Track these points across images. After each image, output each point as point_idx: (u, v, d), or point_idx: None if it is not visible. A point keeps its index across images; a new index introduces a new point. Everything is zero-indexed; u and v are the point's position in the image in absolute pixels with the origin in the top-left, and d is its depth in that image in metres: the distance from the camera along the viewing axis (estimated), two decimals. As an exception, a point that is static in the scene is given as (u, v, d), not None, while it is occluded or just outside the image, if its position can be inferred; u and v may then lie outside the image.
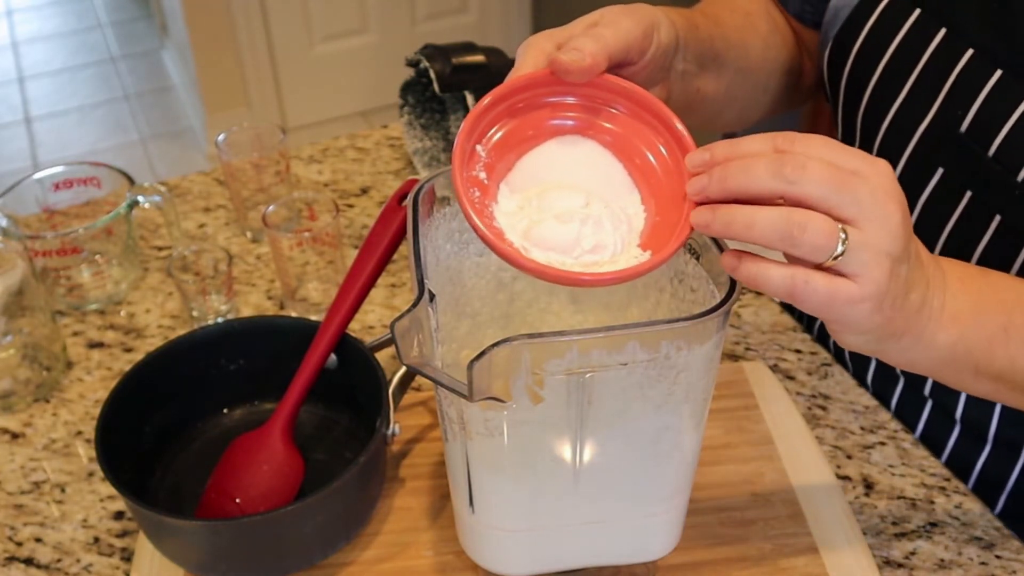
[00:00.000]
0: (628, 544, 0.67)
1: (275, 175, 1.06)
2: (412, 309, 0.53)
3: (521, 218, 0.55)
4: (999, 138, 0.71)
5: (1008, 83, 0.71)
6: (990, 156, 0.71)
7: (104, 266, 1.01)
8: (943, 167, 0.76)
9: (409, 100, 1.13)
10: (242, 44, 2.81)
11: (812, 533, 0.75)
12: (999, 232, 0.74)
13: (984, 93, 0.72)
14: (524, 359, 0.53)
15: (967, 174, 0.74)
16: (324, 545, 0.73)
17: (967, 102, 0.73)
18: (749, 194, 0.52)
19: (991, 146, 0.71)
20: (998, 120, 0.71)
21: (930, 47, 0.75)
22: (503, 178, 0.57)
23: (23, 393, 0.91)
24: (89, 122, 3.17)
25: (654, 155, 0.58)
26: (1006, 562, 0.75)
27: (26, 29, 3.65)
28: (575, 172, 0.58)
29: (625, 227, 0.56)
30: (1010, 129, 0.70)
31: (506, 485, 0.62)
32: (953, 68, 0.74)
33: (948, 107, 0.74)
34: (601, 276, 0.53)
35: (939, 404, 0.84)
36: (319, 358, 0.77)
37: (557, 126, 0.58)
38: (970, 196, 0.75)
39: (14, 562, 0.78)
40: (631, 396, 0.57)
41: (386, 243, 0.77)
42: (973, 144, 0.73)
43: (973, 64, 0.73)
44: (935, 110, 0.75)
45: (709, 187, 0.53)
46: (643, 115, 0.58)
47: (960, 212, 0.76)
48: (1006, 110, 0.70)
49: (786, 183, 0.51)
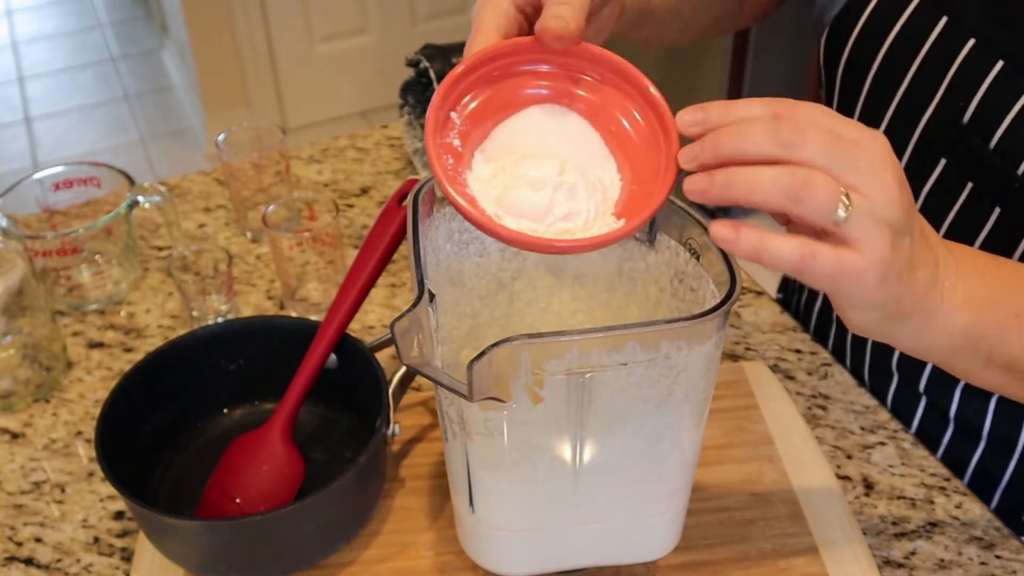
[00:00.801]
0: (628, 544, 0.67)
1: (275, 175, 1.06)
2: (412, 309, 0.53)
3: (495, 185, 0.55)
4: (1000, 130, 0.70)
5: (1009, 74, 0.70)
6: (991, 148, 0.71)
7: (104, 266, 1.01)
8: (945, 158, 0.76)
9: (409, 100, 1.13)
10: (242, 44, 2.81)
11: (812, 533, 0.75)
12: (999, 224, 0.73)
13: (986, 84, 0.71)
14: (524, 359, 0.53)
15: (968, 166, 0.74)
16: (324, 545, 0.73)
17: (969, 93, 0.72)
18: (746, 159, 0.50)
19: (992, 138, 0.71)
20: (1000, 112, 0.71)
21: (931, 36, 0.75)
22: (478, 146, 0.57)
23: (23, 393, 0.91)
24: (89, 122, 3.17)
25: (630, 122, 0.57)
26: (1006, 562, 0.75)
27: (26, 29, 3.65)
28: (550, 140, 0.57)
29: (600, 195, 0.55)
30: (1011, 121, 0.70)
31: (506, 485, 0.62)
32: (954, 58, 0.73)
33: (950, 98, 0.74)
34: (573, 243, 0.52)
35: (933, 402, 0.84)
36: (319, 358, 0.77)
37: (532, 95, 0.58)
38: (971, 188, 0.74)
39: (14, 562, 0.78)
40: (631, 396, 0.57)
41: (386, 243, 0.77)
42: (975, 136, 0.72)
43: (974, 54, 0.72)
44: (937, 101, 0.75)
45: (702, 154, 0.51)
46: (618, 82, 0.58)
47: (961, 204, 0.75)
48: (1008, 102, 0.70)
49: (785, 148, 0.49)
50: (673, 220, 0.62)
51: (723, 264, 0.57)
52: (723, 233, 0.51)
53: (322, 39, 2.91)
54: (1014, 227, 0.72)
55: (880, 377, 0.88)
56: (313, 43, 2.91)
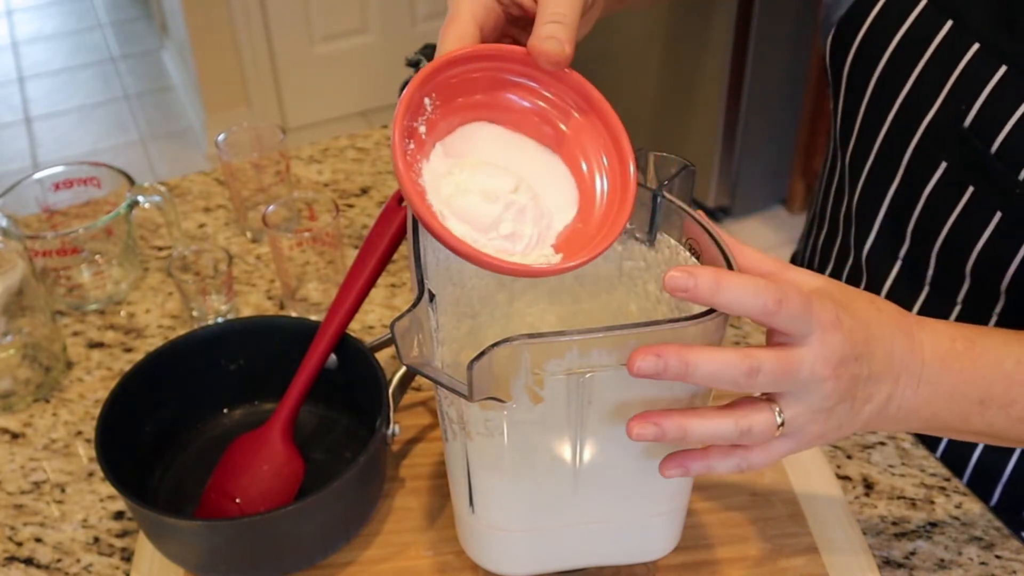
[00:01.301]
0: (628, 544, 0.67)
1: (275, 175, 1.06)
2: (412, 309, 0.53)
3: (447, 183, 0.55)
4: (1002, 135, 0.71)
5: (1013, 80, 0.70)
6: (992, 153, 0.71)
7: (104, 266, 1.01)
8: (947, 161, 0.76)
9: (409, 100, 1.13)
10: (242, 44, 2.81)
11: (812, 533, 0.75)
12: (999, 229, 0.73)
13: (989, 88, 0.72)
14: (524, 359, 0.52)
15: (970, 169, 0.74)
16: (324, 545, 0.73)
17: (972, 97, 0.73)
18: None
19: (994, 142, 0.71)
20: (1002, 116, 0.71)
21: (936, 39, 0.75)
22: (441, 138, 0.56)
23: (23, 393, 0.91)
24: (89, 122, 3.17)
25: (594, 161, 0.58)
26: (1006, 562, 0.75)
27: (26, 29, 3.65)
28: (512, 154, 0.57)
29: (545, 223, 0.55)
30: (1013, 126, 0.70)
31: (506, 485, 0.62)
32: (959, 62, 0.73)
33: (953, 101, 0.74)
34: (504, 264, 0.53)
35: None
36: (319, 358, 0.77)
37: (508, 105, 0.58)
38: (972, 191, 0.74)
39: (14, 562, 0.78)
40: (631, 396, 0.57)
41: (386, 243, 0.77)
42: (976, 140, 0.72)
43: (979, 58, 0.72)
44: (939, 103, 0.75)
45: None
46: (595, 120, 0.58)
47: (962, 207, 0.76)
48: (1010, 107, 0.70)
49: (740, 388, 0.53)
50: (673, 220, 0.62)
51: (724, 265, 0.57)
52: (671, 471, 0.58)
53: (322, 39, 2.91)
54: (1015, 231, 0.73)
55: None
56: (313, 43, 2.91)
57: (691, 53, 2.36)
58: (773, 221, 2.61)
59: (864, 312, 0.57)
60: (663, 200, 0.61)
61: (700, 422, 0.54)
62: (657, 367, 0.51)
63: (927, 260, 0.80)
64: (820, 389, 0.54)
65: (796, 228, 2.57)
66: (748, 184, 2.54)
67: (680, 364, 0.51)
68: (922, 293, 0.82)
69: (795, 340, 0.54)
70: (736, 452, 0.57)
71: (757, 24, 2.24)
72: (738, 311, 0.52)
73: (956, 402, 0.60)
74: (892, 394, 0.58)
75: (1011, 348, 0.62)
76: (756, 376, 0.52)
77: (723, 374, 0.52)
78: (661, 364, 0.51)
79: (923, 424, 0.61)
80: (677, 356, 0.51)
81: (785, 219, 2.62)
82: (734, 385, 0.53)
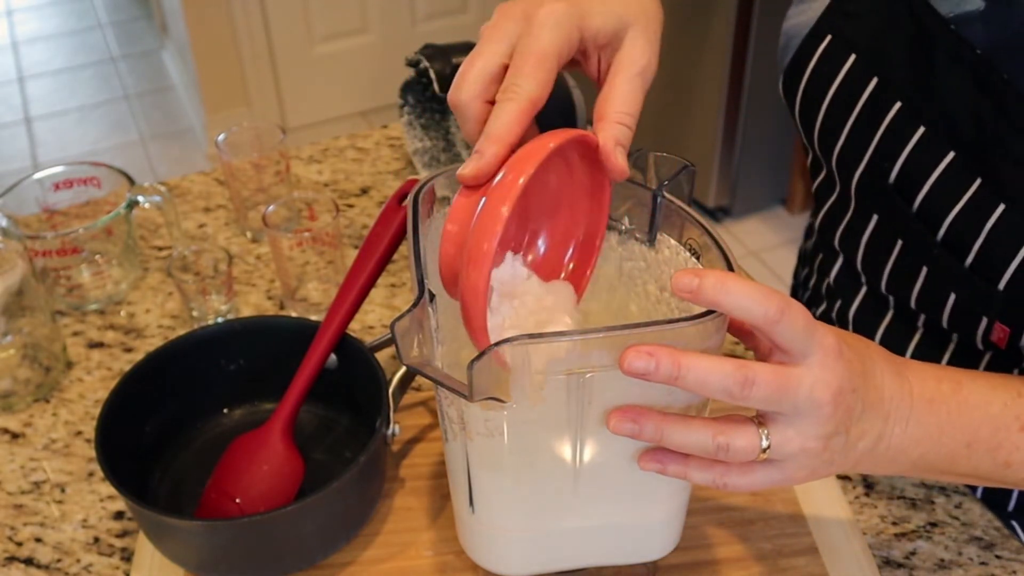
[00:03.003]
0: (628, 544, 0.67)
1: (275, 175, 1.06)
2: (412, 309, 0.53)
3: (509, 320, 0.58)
4: (921, 195, 0.71)
5: (930, 139, 0.70)
6: (914, 211, 0.72)
7: (104, 266, 1.01)
8: (877, 215, 0.77)
9: (409, 100, 1.13)
10: (242, 44, 2.81)
11: (812, 533, 0.75)
12: (928, 283, 0.74)
13: (909, 148, 0.72)
14: (524, 359, 0.53)
15: (896, 225, 0.75)
16: (324, 545, 0.73)
17: (894, 154, 0.73)
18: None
19: (915, 201, 0.72)
20: (920, 177, 0.71)
21: (863, 95, 0.75)
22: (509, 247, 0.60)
23: (23, 393, 0.91)
24: (89, 122, 3.17)
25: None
26: (1006, 562, 0.75)
27: (26, 29, 3.65)
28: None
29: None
30: (930, 188, 0.70)
31: (506, 485, 0.62)
32: (883, 119, 0.74)
33: (878, 157, 0.74)
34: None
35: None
36: (319, 358, 0.77)
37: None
38: (900, 246, 0.75)
39: (14, 562, 0.78)
40: (631, 396, 0.57)
41: (386, 243, 0.77)
42: (899, 198, 0.73)
43: (901, 117, 0.72)
44: (867, 159, 0.75)
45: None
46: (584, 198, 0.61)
47: (894, 259, 0.77)
48: (927, 168, 0.70)
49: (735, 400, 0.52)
50: (673, 220, 0.62)
51: (723, 264, 0.57)
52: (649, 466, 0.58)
53: (322, 39, 2.91)
54: (938, 290, 0.73)
55: None
56: (313, 43, 2.91)
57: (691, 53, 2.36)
58: (773, 221, 2.61)
59: (859, 347, 0.57)
60: (663, 200, 0.61)
61: (678, 428, 0.54)
62: (647, 367, 0.50)
63: (880, 293, 0.81)
64: (817, 415, 0.53)
65: (796, 228, 2.56)
66: (748, 184, 2.53)
67: (671, 366, 0.50)
68: (886, 317, 0.83)
69: (794, 359, 0.53)
70: (715, 467, 0.56)
71: (757, 24, 2.24)
72: (741, 315, 0.51)
73: (943, 444, 0.60)
74: (883, 433, 0.58)
75: (997, 393, 0.61)
76: (751, 388, 0.51)
77: (715, 382, 0.51)
78: (652, 364, 0.50)
79: (911, 466, 0.60)
80: (669, 358, 0.50)
81: (785, 219, 2.62)
82: (727, 395, 0.51)
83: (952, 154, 0.69)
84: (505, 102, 0.55)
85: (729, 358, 0.52)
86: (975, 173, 0.68)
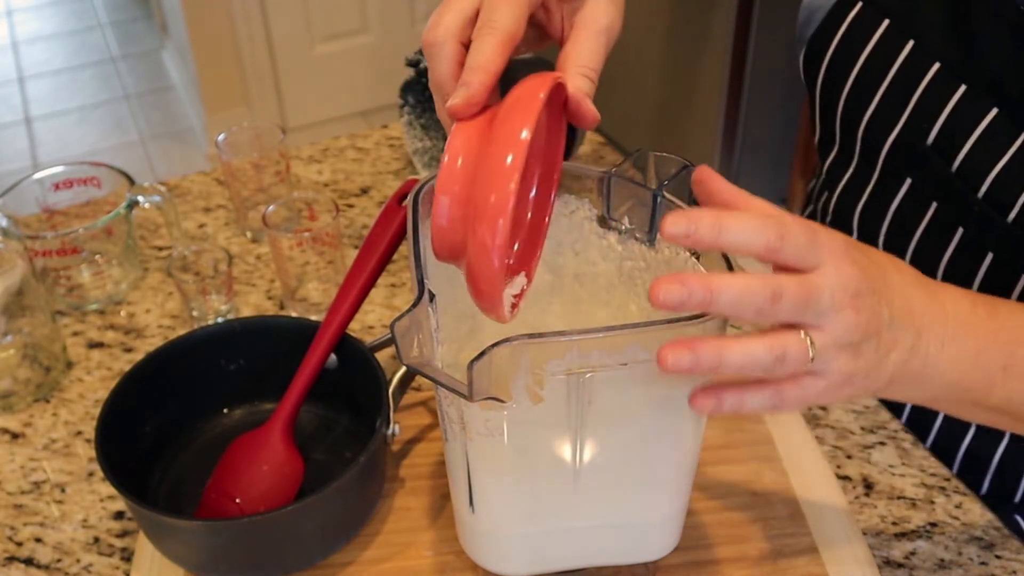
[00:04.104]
0: (628, 544, 0.67)
1: (275, 175, 1.06)
2: (412, 309, 0.53)
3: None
4: (961, 154, 0.72)
5: (971, 99, 0.71)
6: (953, 171, 0.72)
7: (104, 266, 1.01)
8: (911, 177, 0.77)
9: (409, 100, 1.13)
10: (242, 44, 2.81)
11: (812, 533, 0.75)
12: (962, 244, 0.74)
13: (949, 108, 0.72)
14: (524, 359, 0.53)
15: (933, 186, 0.75)
16: (324, 545, 0.73)
17: (933, 116, 0.73)
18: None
19: (954, 161, 0.72)
20: (961, 135, 0.72)
21: (898, 59, 0.76)
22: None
23: (23, 393, 0.91)
24: (89, 122, 3.17)
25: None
26: (1006, 562, 0.75)
27: (26, 29, 3.65)
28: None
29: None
30: (972, 145, 0.71)
31: (506, 485, 0.62)
32: (920, 81, 0.74)
33: (915, 120, 0.75)
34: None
35: None
36: (319, 358, 0.77)
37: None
38: (936, 207, 0.75)
39: (14, 562, 0.78)
40: (631, 396, 0.57)
41: (386, 243, 0.77)
42: (938, 158, 0.73)
43: (939, 78, 0.73)
44: (903, 122, 0.76)
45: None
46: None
47: (927, 222, 0.77)
48: (969, 126, 0.71)
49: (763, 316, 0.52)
50: (673, 220, 0.62)
51: (723, 263, 0.57)
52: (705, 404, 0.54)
53: (322, 39, 2.91)
54: (977, 247, 0.73)
55: None
56: (313, 43, 2.91)
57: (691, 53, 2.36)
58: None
59: (880, 260, 0.56)
60: (663, 200, 0.61)
61: (736, 347, 0.51)
62: (682, 295, 0.49)
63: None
64: (842, 320, 0.52)
65: (796, 228, 2.56)
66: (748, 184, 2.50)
67: (704, 291, 0.49)
68: None
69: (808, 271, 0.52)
70: (769, 387, 0.54)
71: (757, 24, 2.24)
72: (743, 250, 0.50)
73: (980, 366, 0.58)
74: (916, 346, 0.56)
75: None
76: (779, 301, 0.50)
77: (747, 300, 0.50)
78: (685, 292, 0.49)
79: (948, 389, 0.59)
80: (701, 283, 0.49)
81: (785, 219, 2.62)
82: (757, 313, 0.50)
83: (995, 111, 0.70)
84: (484, 36, 0.55)
85: (754, 274, 0.51)
86: (1020, 127, 0.68)
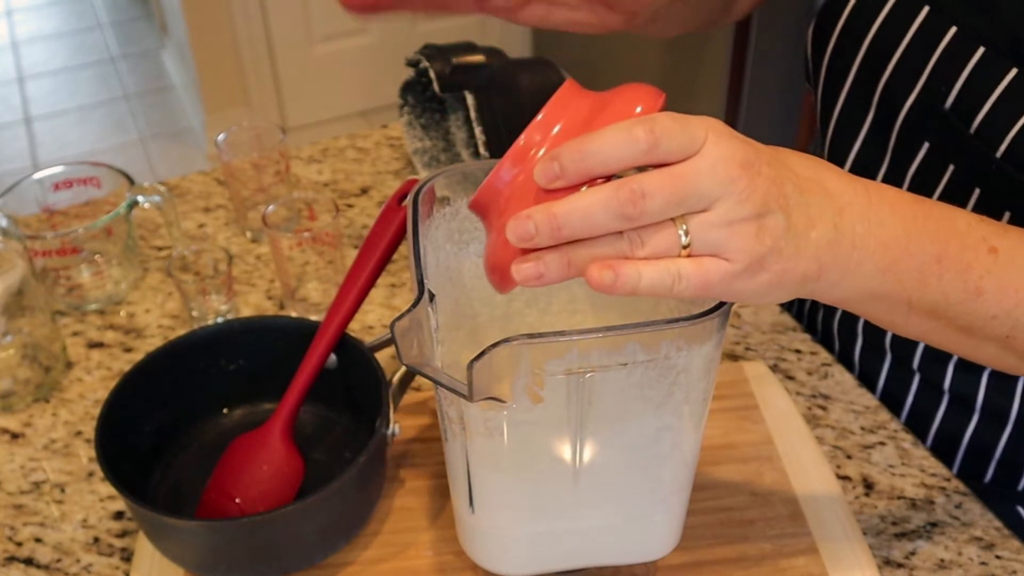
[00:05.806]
0: (628, 544, 0.67)
1: (275, 175, 1.06)
2: (412, 309, 0.53)
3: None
4: (981, 115, 0.72)
5: (990, 60, 0.72)
6: (972, 132, 0.72)
7: (104, 266, 1.01)
8: (929, 142, 0.77)
9: (409, 100, 1.13)
10: (242, 44, 2.81)
11: (812, 533, 0.75)
12: (978, 206, 0.75)
13: (967, 70, 0.73)
14: (524, 359, 0.53)
15: (950, 149, 0.76)
16: (324, 545, 0.73)
17: (951, 79, 0.74)
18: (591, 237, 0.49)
19: (973, 122, 0.73)
20: (980, 97, 0.72)
21: (914, 24, 0.77)
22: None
23: (23, 393, 0.91)
24: (89, 122, 3.17)
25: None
26: (1006, 562, 0.75)
27: (26, 29, 3.65)
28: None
29: None
30: (992, 106, 0.71)
31: (506, 485, 0.62)
32: (937, 45, 0.75)
33: (933, 84, 0.76)
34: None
35: (926, 378, 0.85)
36: (319, 358, 0.77)
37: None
38: (953, 170, 0.76)
39: (14, 562, 0.78)
40: (631, 396, 0.57)
41: (386, 243, 0.77)
42: (956, 120, 0.74)
43: (956, 41, 0.74)
44: (920, 87, 0.77)
45: (539, 236, 0.48)
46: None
47: (944, 185, 0.77)
48: (988, 87, 0.72)
49: (628, 221, 0.48)
50: (673, 220, 0.62)
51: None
52: (600, 279, 0.49)
53: (322, 39, 2.91)
54: (993, 208, 0.74)
55: (872, 356, 0.88)
56: (313, 43, 2.91)
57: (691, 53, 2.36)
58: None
59: (774, 148, 0.53)
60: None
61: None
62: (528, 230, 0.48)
63: None
64: (732, 191, 0.48)
65: (796, 228, 2.56)
66: (748, 184, 2.53)
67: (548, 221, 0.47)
68: None
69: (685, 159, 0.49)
70: (664, 261, 0.49)
71: (757, 24, 2.24)
72: (617, 165, 0.48)
73: (913, 253, 0.55)
74: (839, 226, 0.52)
75: (959, 212, 0.58)
76: (643, 200, 0.47)
77: (601, 213, 0.47)
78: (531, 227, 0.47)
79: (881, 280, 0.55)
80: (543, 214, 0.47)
81: (785, 219, 2.62)
82: (621, 220, 0.47)
83: (1015, 71, 0.70)
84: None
85: (604, 184, 0.48)
86: None
